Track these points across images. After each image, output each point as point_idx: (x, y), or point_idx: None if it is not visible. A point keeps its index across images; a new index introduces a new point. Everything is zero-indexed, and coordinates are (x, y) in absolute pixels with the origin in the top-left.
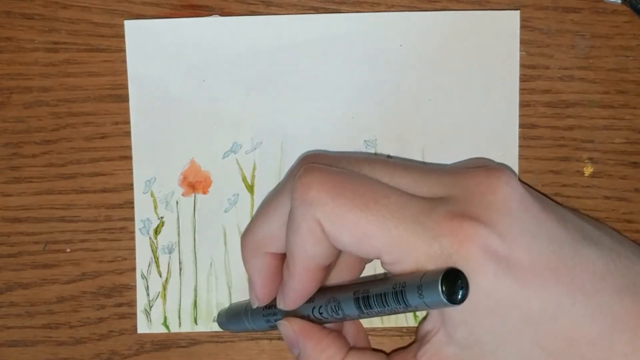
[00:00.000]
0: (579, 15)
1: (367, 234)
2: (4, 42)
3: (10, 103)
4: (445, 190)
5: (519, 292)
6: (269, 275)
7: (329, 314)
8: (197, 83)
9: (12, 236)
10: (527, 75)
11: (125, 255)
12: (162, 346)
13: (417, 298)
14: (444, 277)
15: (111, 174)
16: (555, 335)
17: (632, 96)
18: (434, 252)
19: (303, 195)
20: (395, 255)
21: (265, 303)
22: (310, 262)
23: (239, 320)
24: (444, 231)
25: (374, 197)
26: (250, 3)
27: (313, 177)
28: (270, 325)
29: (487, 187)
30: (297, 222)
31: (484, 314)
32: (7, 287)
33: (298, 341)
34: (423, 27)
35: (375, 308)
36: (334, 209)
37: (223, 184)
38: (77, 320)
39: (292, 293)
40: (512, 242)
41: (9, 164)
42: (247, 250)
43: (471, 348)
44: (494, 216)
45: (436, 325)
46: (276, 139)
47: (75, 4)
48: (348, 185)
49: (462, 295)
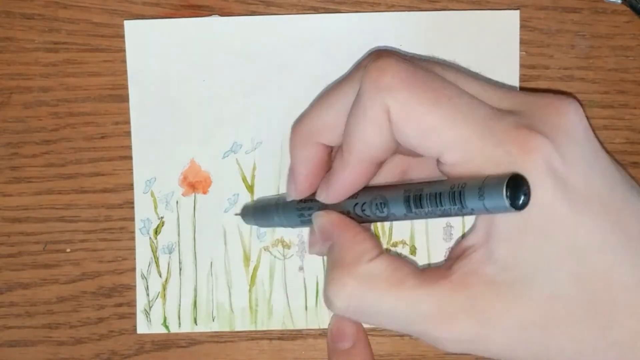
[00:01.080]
0: (579, 15)
1: (434, 128)
2: (4, 42)
3: (10, 103)
4: (514, 105)
5: (570, 216)
6: (314, 167)
7: (372, 212)
8: (197, 83)
9: (12, 236)
10: (527, 75)
11: (125, 255)
12: (162, 346)
13: (476, 200)
14: (508, 182)
15: (111, 174)
16: (594, 272)
17: (632, 96)
18: (498, 157)
19: (377, 79)
20: (458, 155)
21: (303, 196)
22: (368, 153)
23: (267, 214)
24: (510, 138)
25: (447, 94)
26: (250, 3)
27: (389, 63)
28: (302, 220)
29: (556, 110)
30: (364, 107)
31: (533, 232)
32: (7, 287)
33: (333, 233)
34: (423, 27)
35: (427, 208)
36: (406, 97)
37: (223, 184)
38: (77, 320)
39: (340, 184)
40: (572, 165)
41: (9, 164)
42: (297, 137)
43: (510, 270)
44: (559, 137)
45: (478, 242)
46: (276, 139)
47: (75, 4)
48: (422, 78)
49: (524, 201)
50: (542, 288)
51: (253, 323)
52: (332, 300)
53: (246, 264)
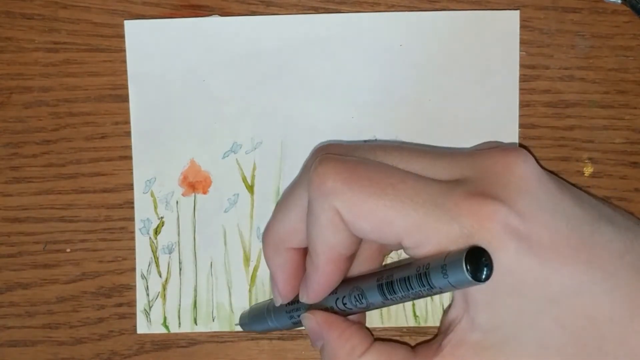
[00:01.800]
0: (579, 15)
1: (386, 219)
2: (4, 42)
3: (10, 103)
4: (461, 172)
5: (540, 270)
6: (291, 271)
7: (353, 304)
8: (197, 83)
9: (12, 236)
10: (527, 75)
11: (125, 255)
12: (162, 346)
13: (441, 278)
14: (467, 255)
15: (111, 174)
16: (575, 314)
17: (632, 96)
18: (455, 233)
19: (320, 186)
20: (416, 239)
21: (288, 300)
22: (333, 253)
23: (262, 320)
24: (463, 211)
25: (391, 182)
26: (250, 3)
27: (328, 167)
28: (293, 322)
29: (504, 167)
30: (316, 213)
31: (506, 294)
32: (7, 287)
33: (322, 333)
34: (423, 27)
35: (400, 293)
36: (351, 197)
37: (223, 184)
38: (77, 320)
39: (316, 285)
40: (532, 221)
41: (9, 164)
42: (269, 247)
43: (494, 332)
44: (513, 195)
45: (459, 313)
46: (276, 139)
47: (75, 4)
48: (364, 173)
49: (487, 273)
50: (530, 342)
51: None
52: None
53: (246, 264)
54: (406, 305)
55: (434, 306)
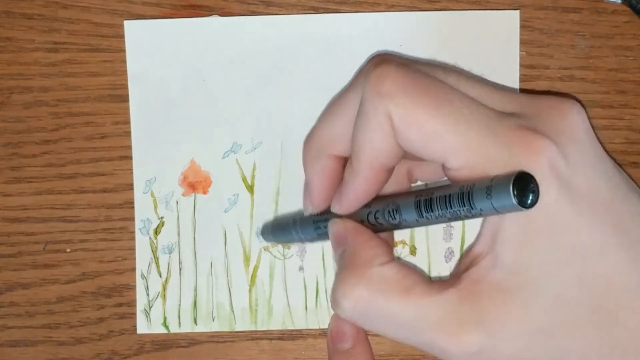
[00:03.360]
0: (579, 15)
1: (437, 133)
2: (4, 42)
3: (10, 103)
4: (516, 108)
5: (573, 218)
6: (328, 180)
7: (385, 219)
8: (197, 83)
9: (12, 236)
10: (527, 75)
11: (125, 255)
12: (162, 346)
13: (484, 200)
14: (515, 180)
15: (111, 174)
16: (596, 274)
17: (632, 96)
18: (503, 160)
19: (376, 86)
20: (462, 159)
21: (320, 209)
22: (376, 160)
23: (285, 230)
24: (514, 140)
25: (448, 98)
26: (250, 3)
27: (388, 69)
28: (318, 233)
29: (559, 112)
30: (367, 115)
31: (537, 234)
32: (7, 287)
33: (347, 237)
34: (423, 27)
35: (437, 211)
36: (406, 103)
37: (223, 184)
38: (77, 320)
39: (352, 194)
40: (575, 168)
41: (9, 164)
42: (309, 151)
43: (516, 274)
44: (562, 138)
45: (485, 248)
46: (276, 139)
47: (75, 4)
48: (423, 83)
49: (532, 199)
50: (548, 292)
51: (253, 323)
52: (340, 301)
53: (246, 264)
54: None
55: None
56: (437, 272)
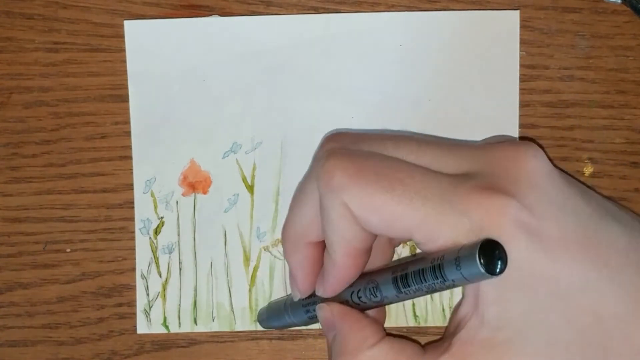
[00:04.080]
0: (579, 15)
1: (395, 215)
2: (4, 42)
3: (10, 103)
4: (471, 166)
5: (549, 265)
6: (310, 266)
7: (367, 297)
8: (197, 83)
9: (12, 236)
10: (527, 75)
11: (125, 255)
12: (162, 346)
13: (455, 271)
14: (481, 249)
15: (111, 174)
16: (582, 311)
17: (632, 96)
18: (465, 227)
19: (328, 182)
20: (426, 234)
21: (307, 294)
22: (349, 246)
23: (279, 316)
24: (472, 205)
25: (399, 177)
26: (250, 3)
27: (335, 162)
28: (309, 316)
29: (514, 161)
30: (327, 209)
31: (516, 289)
32: (7, 287)
33: (335, 323)
34: (423, 27)
35: (413, 286)
36: (359, 192)
37: (223, 184)
38: (77, 320)
39: (333, 280)
40: (542, 216)
41: (9, 164)
42: (288, 243)
43: (503, 329)
44: (522, 189)
45: (469, 310)
46: (276, 139)
47: (75, 4)
48: (372, 168)
49: (501, 266)
50: (537, 339)
51: (253, 323)
52: None
53: (246, 264)
54: (406, 305)
55: (434, 306)
56: None
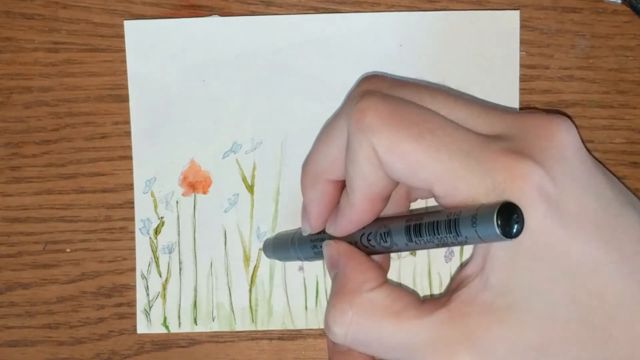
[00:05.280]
0: (579, 15)
1: (420, 164)
2: (4, 42)
3: (10, 103)
4: (503, 129)
5: (562, 239)
6: (325, 204)
7: (377, 242)
8: (197, 83)
9: (12, 236)
10: (527, 75)
11: (125, 255)
12: (162, 346)
13: (470, 228)
14: (499, 210)
15: (111, 174)
16: (588, 290)
17: (632, 96)
18: (487, 187)
19: (359, 121)
20: (447, 188)
21: (317, 230)
22: (369, 191)
23: (285, 249)
24: (498, 166)
25: (430, 127)
26: (250, 3)
27: (369, 103)
28: (315, 252)
29: (546, 131)
30: (354, 149)
31: (526, 257)
32: (7, 287)
33: (339, 261)
34: (423, 27)
35: (426, 236)
36: (388, 136)
37: (223, 184)
38: (77, 320)
39: (347, 220)
40: (564, 189)
41: (9, 164)
42: (307, 177)
43: (505, 295)
44: (550, 160)
45: (475, 270)
46: (276, 139)
47: (75, 4)
48: (404, 114)
49: (516, 230)
50: (538, 311)
51: (253, 323)
52: (331, 327)
53: (246, 264)
54: None
55: None
56: (437, 272)
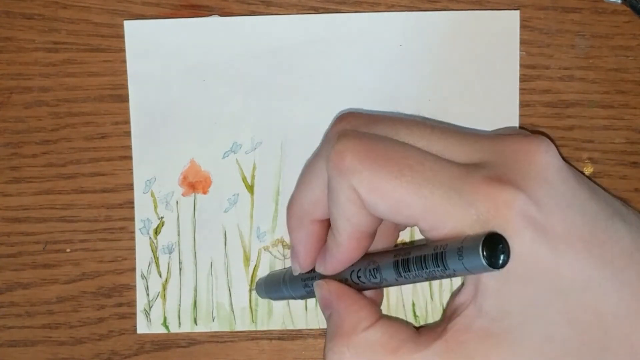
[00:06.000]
0: (579, 15)
1: (402, 201)
2: (4, 42)
3: (10, 103)
4: (482, 156)
5: (552, 260)
6: (313, 243)
7: (367, 278)
8: (197, 83)
9: (12, 236)
10: (527, 75)
11: (125, 255)
12: (162, 346)
13: (457, 261)
14: (484, 241)
15: (111, 174)
16: (583, 308)
17: (632, 96)
18: (471, 218)
19: (337, 164)
20: (431, 222)
21: (307, 270)
22: (354, 230)
23: (277, 288)
24: (480, 196)
25: (408, 163)
26: (250, 3)
27: (347, 144)
28: (307, 290)
29: (526, 154)
30: (335, 191)
31: (517, 282)
32: (7, 287)
33: (332, 301)
34: (423, 27)
35: (414, 271)
36: (368, 176)
37: (223, 184)
38: (77, 320)
39: (335, 260)
40: (549, 211)
41: (9, 164)
42: (292, 219)
43: (500, 320)
44: (532, 183)
45: (468, 298)
46: (276, 139)
47: (75, 4)
48: (382, 152)
49: (503, 260)
50: (534, 333)
51: (253, 323)
52: None
53: (246, 264)
54: (406, 305)
55: (434, 306)
56: None
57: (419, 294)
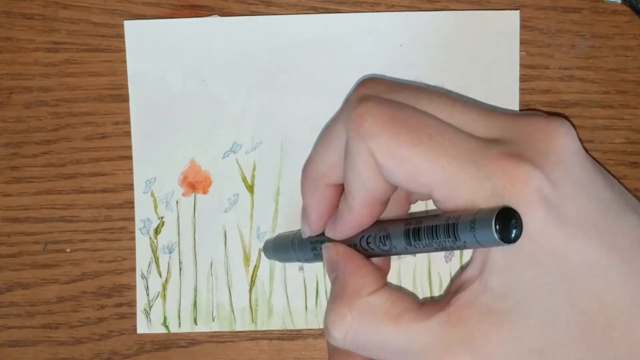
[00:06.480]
0: (579, 15)
1: (419, 169)
2: (4, 42)
3: (10, 103)
4: (502, 132)
5: (562, 243)
6: (325, 207)
7: (376, 245)
8: (197, 83)
9: (12, 236)
10: (527, 75)
11: (125, 255)
12: (162, 346)
13: (468, 233)
14: (498, 215)
15: (111, 174)
16: (588, 295)
17: (632, 96)
18: (486, 191)
19: (357, 127)
20: (446, 192)
21: (317, 233)
22: (368, 195)
23: (285, 250)
24: (497, 171)
25: (428, 132)
26: (250, 3)
27: (367, 108)
28: (315, 254)
29: (546, 135)
30: (353, 154)
31: (525, 261)
32: (7, 287)
33: (338, 264)
34: (423, 27)
35: (425, 240)
36: (387, 142)
37: (223, 184)
38: (77, 320)
39: (346, 225)
40: (564, 193)
41: (9, 164)
42: (307, 181)
43: (505, 299)
44: (549, 164)
45: (474, 274)
46: (276, 139)
47: (75, 4)
48: (403, 119)
49: (515, 235)
50: (538, 315)
51: (253, 323)
52: (331, 331)
53: (246, 264)
54: None
55: None
56: (437, 273)
57: (419, 294)
